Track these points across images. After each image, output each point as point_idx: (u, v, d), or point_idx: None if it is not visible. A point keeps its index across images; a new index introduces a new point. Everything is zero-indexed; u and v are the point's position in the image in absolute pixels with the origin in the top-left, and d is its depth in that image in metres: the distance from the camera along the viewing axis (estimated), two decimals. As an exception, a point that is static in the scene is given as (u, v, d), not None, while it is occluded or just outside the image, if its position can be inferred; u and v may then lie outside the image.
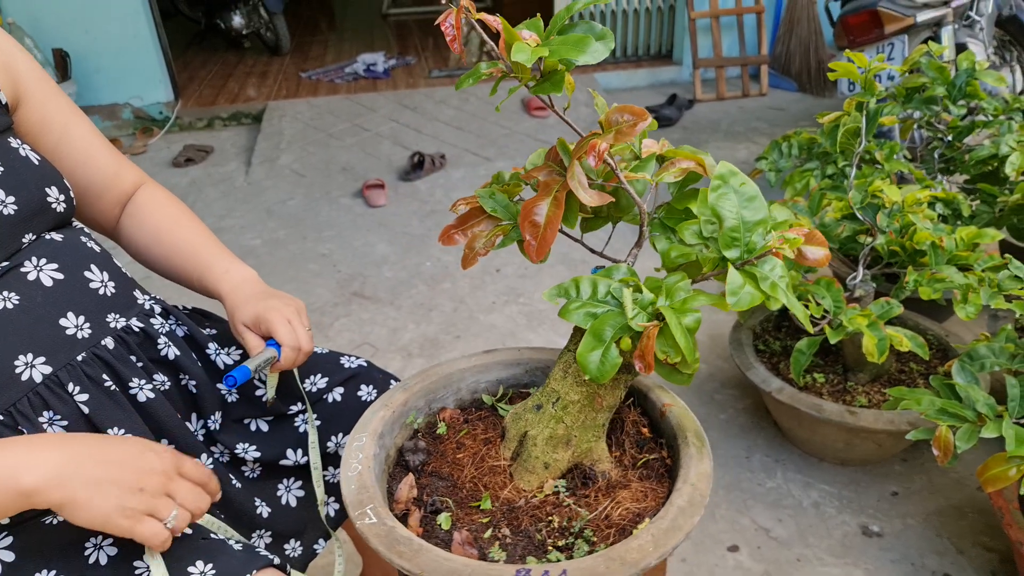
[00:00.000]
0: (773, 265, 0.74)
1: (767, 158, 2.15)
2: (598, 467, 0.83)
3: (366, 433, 0.89)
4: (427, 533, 0.80)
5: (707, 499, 0.75)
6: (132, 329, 0.90)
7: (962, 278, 1.42)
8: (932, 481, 1.72)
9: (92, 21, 4.09)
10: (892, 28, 2.68)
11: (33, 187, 0.84)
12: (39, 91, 0.93)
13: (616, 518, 0.76)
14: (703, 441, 0.83)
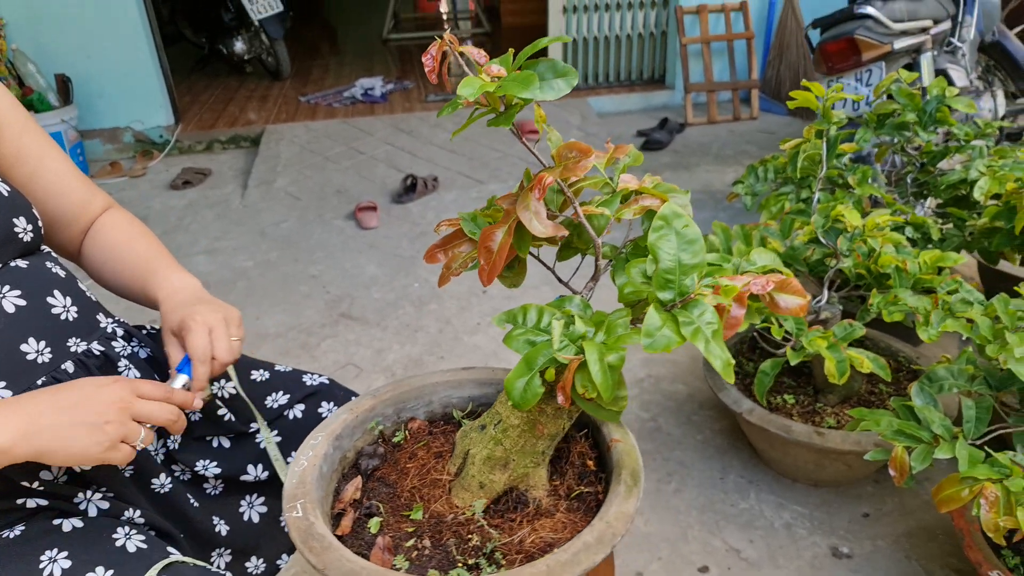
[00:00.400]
0: (703, 311, 0.73)
1: (744, 182, 2.19)
2: (531, 493, 0.85)
3: (324, 433, 0.92)
4: (355, 534, 0.83)
5: (619, 538, 0.75)
6: (93, 353, 0.92)
7: (916, 300, 1.45)
8: (903, 503, 1.74)
9: (94, 47, 4.17)
10: (869, 55, 2.73)
11: (3, 220, 0.87)
12: (15, 125, 0.96)
13: (528, 545, 0.78)
14: (636, 481, 0.83)
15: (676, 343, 0.71)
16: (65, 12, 4.04)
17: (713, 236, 1.77)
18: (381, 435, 1.01)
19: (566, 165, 0.86)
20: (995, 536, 1.11)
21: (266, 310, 2.71)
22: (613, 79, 5.18)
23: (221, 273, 2.98)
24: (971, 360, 1.42)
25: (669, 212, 0.79)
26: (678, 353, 2.34)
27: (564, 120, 4.53)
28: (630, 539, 1.67)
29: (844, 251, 1.55)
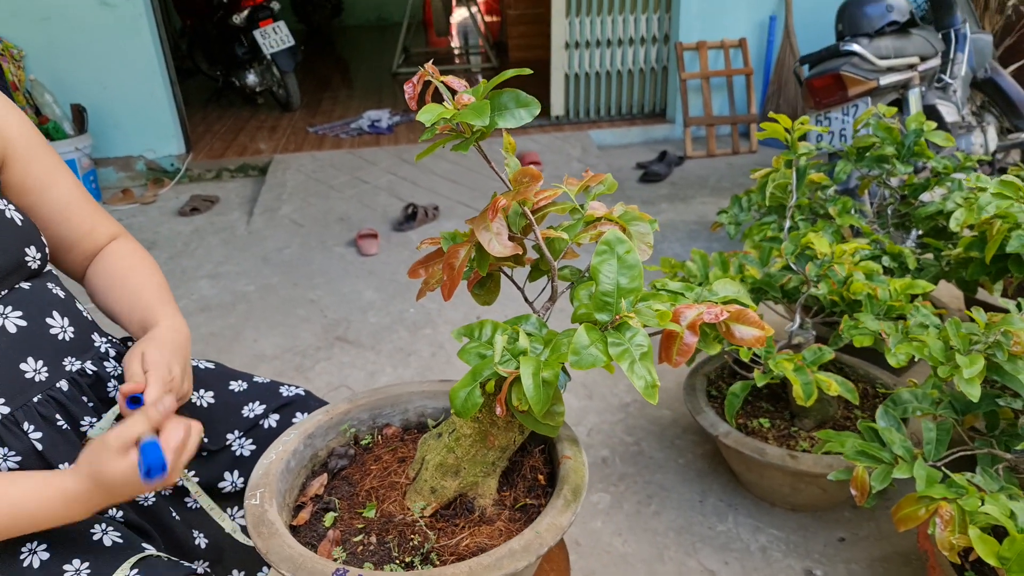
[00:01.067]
0: (635, 333, 0.76)
1: (728, 212, 2.25)
2: (478, 501, 0.89)
3: (297, 432, 0.98)
4: (310, 526, 0.88)
5: (545, 549, 0.78)
6: (86, 372, 0.98)
7: (875, 324, 1.49)
8: (880, 528, 1.76)
9: (110, 79, 4.31)
10: (856, 91, 2.80)
11: (14, 249, 0.92)
12: (26, 151, 0.99)
13: (462, 549, 0.82)
14: (576, 497, 0.87)
15: (602, 362, 0.75)
16: (82, 45, 4.19)
17: (691, 263, 1.82)
18: (354, 438, 1.06)
19: (519, 189, 0.91)
20: (950, 554, 1.14)
21: (264, 332, 2.77)
22: (614, 113, 5.28)
23: (222, 297, 3.05)
24: (937, 385, 1.46)
25: (613, 238, 0.84)
26: (665, 379, 2.37)
27: (565, 152, 4.62)
28: (606, 559, 1.70)
29: (813, 277, 1.60)
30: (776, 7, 4.83)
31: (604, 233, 0.89)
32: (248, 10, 5.28)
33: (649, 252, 0.91)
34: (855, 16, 3.09)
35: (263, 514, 0.82)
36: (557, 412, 0.83)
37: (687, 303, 0.83)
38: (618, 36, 5.02)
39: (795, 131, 1.53)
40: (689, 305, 0.82)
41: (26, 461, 0.90)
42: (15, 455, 0.89)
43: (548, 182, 0.95)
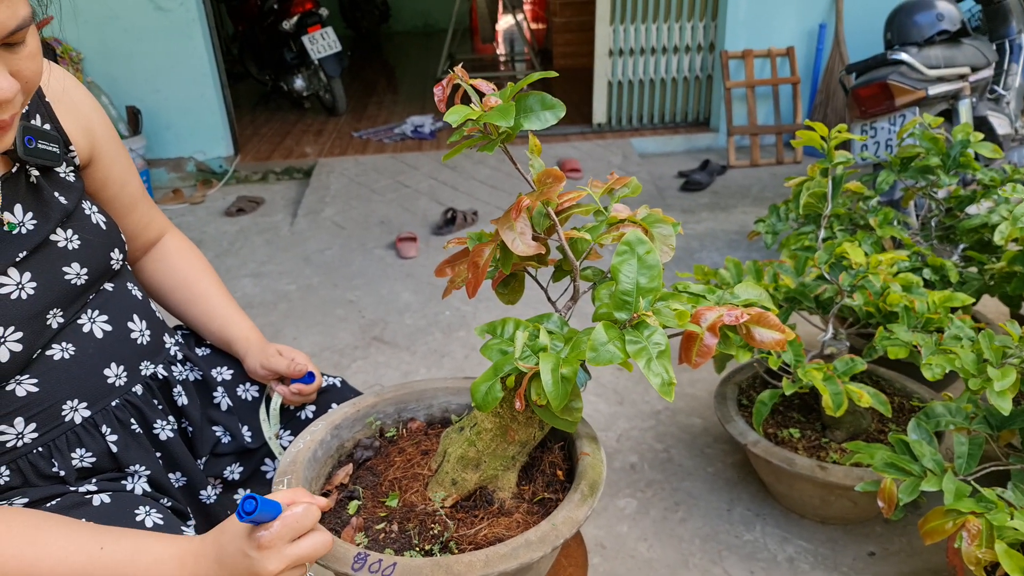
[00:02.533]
0: (653, 332, 0.77)
1: (765, 221, 2.23)
2: (498, 494, 0.91)
3: (324, 422, 1.02)
4: (334, 513, 0.91)
5: (561, 541, 0.79)
6: (157, 376, 1.03)
7: (908, 336, 1.46)
8: (912, 544, 1.72)
9: (164, 82, 4.46)
10: (903, 101, 2.75)
11: (102, 255, 0.96)
12: (110, 152, 1.04)
13: (480, 538, 0.84)
14: (593, 492, 0.87)
15: (619, 359, 0.75)
16: (138, 49, 4.34)
17: (724, 271, 1.81)
18: (380, 430, 1.08)
19: (542, 190, 0.93)
20: (976, 569, 1.12)
21: (303, 331, 2.83)
22: (657, 121, 5.26)
23: (264, 295, 3.13)
24: (972, 399, 1.43)
25: (634, 238, 0.84)
26: (697, 387, 2.36)
27: (606, 160, 4.62)
28: (631, 563, 1.70)
29: (846, 287, 1.58)
30: (826, 15, 4.77)
31: (626, 234, 0.90)
32: (297, 16, 5.40)
33: (671, 254, 0.92)
34: (904, 24, 3.04)
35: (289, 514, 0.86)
36: (575, 408, 0.84)
37: (708, 305, 0.84)
38: (662, 44, 5.00)
39: (832, 139, 1.52)
40: (710, 307, 0.82)
41: (100, 461, 0.94)
42: (91, 455, 0.93)
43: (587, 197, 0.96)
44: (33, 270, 0.87)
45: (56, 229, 0.90)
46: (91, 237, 0.94)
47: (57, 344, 0.90)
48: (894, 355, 1.55)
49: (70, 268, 0.91)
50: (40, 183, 0.90)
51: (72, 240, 0.92)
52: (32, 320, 0.86)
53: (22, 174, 0.89)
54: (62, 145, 0.94)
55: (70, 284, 0.91)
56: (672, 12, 4.90)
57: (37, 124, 0.92)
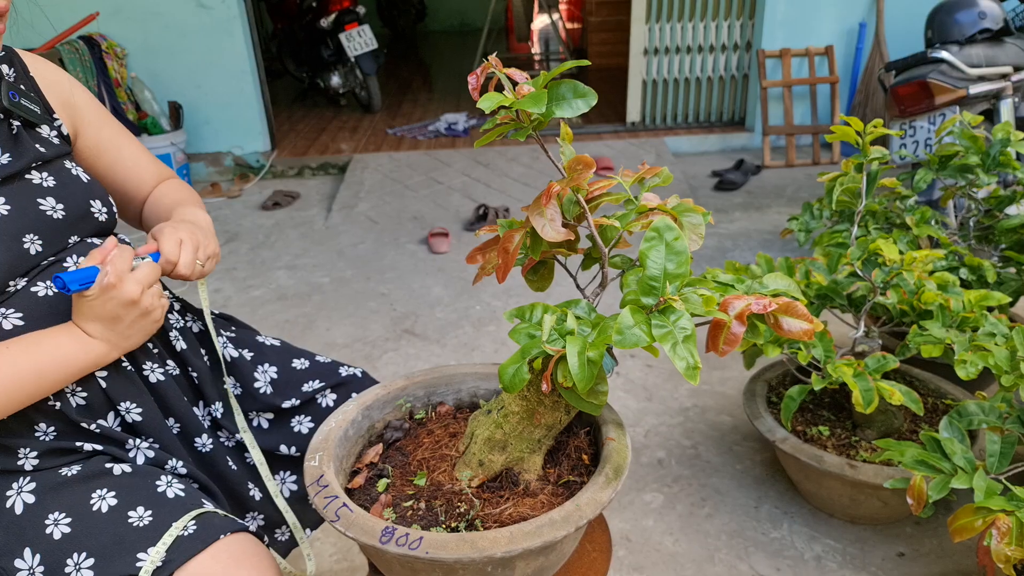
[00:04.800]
0: (679, 317, 0.77)
1: (798, 219, 2.21)
2: (523, 476, 0.92)
3: (355, 402, 1.05)
4: (363, 490, 0.93)
5: (584, 521, 0.80)
6: None
7: (942, 333, 1.45)
8: (942, 545, 1.70)
9: (204, 78, 4.55)
10: (943, 99, 2.70)
11: (79, 198, 1.02)
12: (95, 121, 1.12)
13: (505, 517, 0.85)
14: (617, 475, 0.88)
15: (646, 342, 0.76)
16: (180, 45, 4.44)
17: (755, 267, 1.80)
18: (409, 413, 1.11)
19: (572, 176, 0.94)
20: (1005, 567, 1.10)
21: (336, 322, 2.87)
22: (692, 120, 5.23)
23: (298, 287, 3.18)
24: (1007, 399, 1.41)
25: (662, 225, 0.84)
26: (726, 384, 2.35)
27: (639, 158, 4.60)
28: (655, 556, 1.70)
29: (880, 284, 1.56)
30: (866, 14, 4.70)
31: (654, 221, 0.90)
32: (335, 14, 5.47)
33: (700, 242, 0.92)
34: (945, 23, 2.99)
35: (321, 475, 0.88)
36: (600, 391, 0.85)
37: (736, 294, 0.84)
38: (698, 43, 4.98)
39: (868, 134, 1.51)
40: (738, 296, 0.82)
41: (91, 398, 0.97)
42: (82, 391, 0.96)
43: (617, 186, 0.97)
44: (6, 195, 0.94)
45: (32, 170, 0.99)
46: (67, 182, 1.02)
47: (41, 282, 0.95)
48: (927, 353, 1.54)
49: (45, 201, 0.98)
50: (20, 132, 0.99)
51: (47, 180, 1.00)
52: (7, 237, 0.92)
53: (4, 124, 0.98)
54: (44, 111, 1.04)
55: (45, 215, 0.97)
56: (708, 11, 4.87)
57: (22, 88, 1.02)
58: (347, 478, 0.98)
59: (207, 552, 0.87)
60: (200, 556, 0.86)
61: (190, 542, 0.87)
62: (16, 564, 0.87)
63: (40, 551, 0.87)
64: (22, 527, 0.89)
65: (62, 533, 0.88)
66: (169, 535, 0.87)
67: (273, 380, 1.20)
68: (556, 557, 0.90)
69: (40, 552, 0.87)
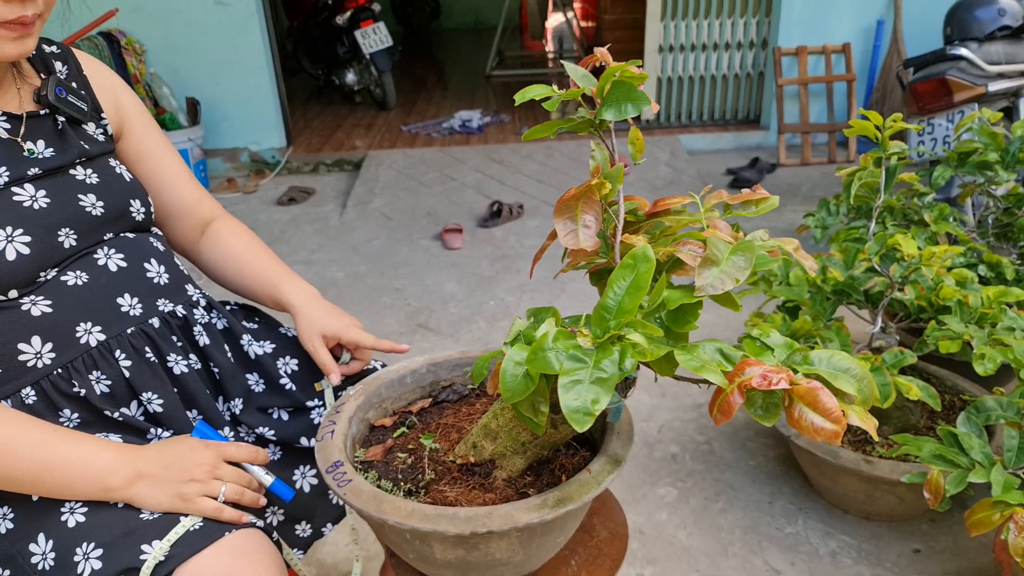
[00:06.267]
0: (608, 356, 0.69)
1: (815, 215, 2.21)
2: (498, 471, 0.90)
3: (424, 358, 1.11)
4: (385, 430, 1.01)
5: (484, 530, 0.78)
6: (176, 314, 1.07)
7: (961, 328, 1.44)
8: (958, 542, 1.69)
9: (222, 74, 4.59)
10: (962, 97, 2.68)
11: (119, 197, 1.04)
12: (140, 127, 1.15)
13: (443, 497, 0.87)
14: (559, 505, 0.81)
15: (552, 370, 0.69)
16: (199, 42, 4.48)
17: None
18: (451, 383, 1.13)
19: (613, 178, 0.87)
20: (1022, 562, 1.10)
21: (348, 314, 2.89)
22: (707, 118, 5.21)
23: (314, 282, 3.20)
24: (1025, 394, 1.40)
25: (640, 253, 0.74)
26: (740, 381, 2.34)
27: (653, 156, 4.60)
28: (669, 549, 1.70)
29: (897, 279, 1.56)
30: (884, 11, 4.67)
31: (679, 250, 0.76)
32: (351, 11, 5.50)
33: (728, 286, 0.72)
34: (964, 20, 2.97)
35: (344, 403, 1.00)
36: (539, 410, 0.76)
37: (755, 361, 0.68)
38: (713, 40, 4.96)
39: (887, 128, 1.50)
40: (759, 363, 0.67)
41: (115, 387, 0.99)
42: (106, 379, 0.98)
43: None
44: (48, 188, 0.96)
45: (76, 165, 1.01)
46: (110, 180, 1.03)
47: (72, 271, 0.96)
48: (945, 349, 1.53)
49: (85, 198, 0.99)
50: (66, 128, 1.01)
51: (90, 176, 1.02)
52: (42, 230, 0.93)
53: (50, 119, 1.00)
54: (92, 108, 1.06)
55: (84, 210, 0.98)
56: (724, 8, 4.86)
57: (73, 86, 1.04)
58: (386, 417, 1.04)
59: (210, 548, 0.87)
60: (203, 552, 0.86)
61: (195, 538, 0.88)
62: (31, 548, 0.88)
63: (53, 537, 0.88)
64: (39, 513, 0.90)
65: (76, 522, 0.89)
66: (175, 532, 0.88)
67: (294, 372, 1.20)
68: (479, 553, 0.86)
69: (53, 539, 0.88)
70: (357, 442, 1.01)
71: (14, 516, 0.91)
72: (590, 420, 0.65)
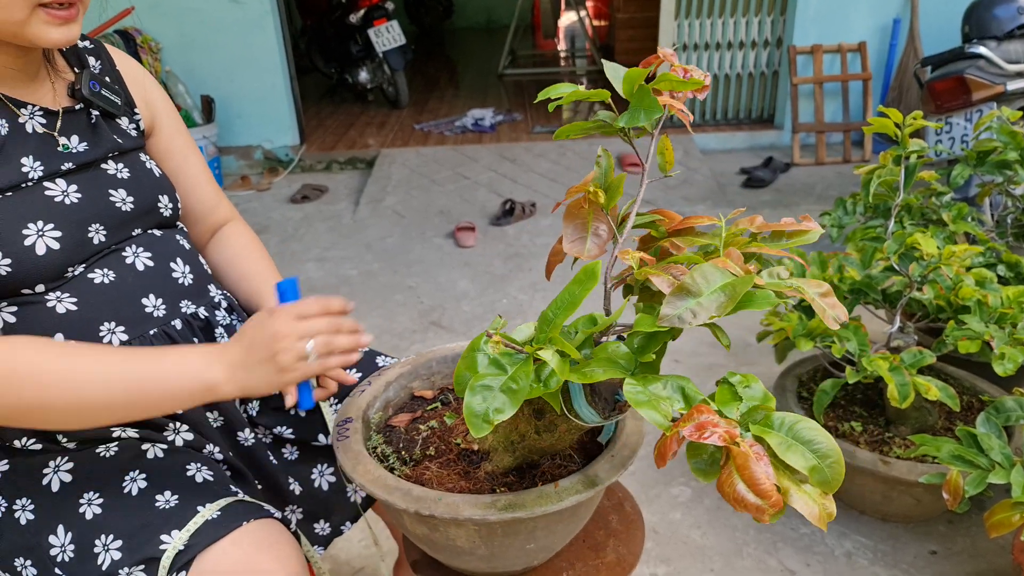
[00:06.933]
0: (525, 367, 0.69)
1: (831, 214, 2.19)
2: (484, 464, 0.90)
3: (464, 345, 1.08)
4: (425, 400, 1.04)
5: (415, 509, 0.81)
6: (199, 316, 1.07)
7: (981, 327, 1.42)
8: (975, 544, 1.67)
9: (237, 72, 4.61)
10: (980, 95, 2.66)
11: (149, 193, 1.04)
12: (169, 124, 1.15)
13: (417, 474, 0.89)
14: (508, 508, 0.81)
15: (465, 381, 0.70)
16: (213, 40, 4.50)
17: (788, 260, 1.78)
18: None
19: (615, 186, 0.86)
20: (1045, 563, 1.09)
21: (364, 314, 2.89)
22: (720, 117, 5.19)
23: (327, 279, 3.21)
24: (1047, 395, 1.38)
25: (591, 270, 0.73)
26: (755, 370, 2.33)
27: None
28: (683, 549, 1.69)
29: (916, 278, 1.54)
30: (901, 9, 4.63)
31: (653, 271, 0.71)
32: (364, 10, 5.51)
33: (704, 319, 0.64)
34: (983, 18, 2.94)
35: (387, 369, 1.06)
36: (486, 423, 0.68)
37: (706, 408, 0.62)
38: (728, 39, 4.94)
39: (907, 126, 1.49)
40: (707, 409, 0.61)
41: None
42: None
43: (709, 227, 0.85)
44: (79, 183, 0.96)
45: (108, 160, 1.01)
46: (140, 175, 1.04)
47: (99, 269, 0.96)
48: (964, 349, 1.51)
49: (116, 193, 1.00)
50: (99, 122, 1.02)
51: (121, 171, 1.02)
52: (73, 225, 0.93)
53: (84, 113, 1.01)
54: (125, 103, 1.07)
55: (114, 206, 0.99)
56: (739, 7, 4.83)
57: (107, 80, 1.05)
58: (429, 389, 1.07)
59: (229, 537, 0.87)
60: (221, 542, 0.86)
61: (213, 528, 0.87)
62: (50, 540, 0.88)
63: (72, 530, 0.88)
64: (57, 505, 0.91)
65: (94, 514, 0.89)
66: (194, 523, 0.87)
67: None
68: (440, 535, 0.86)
69: (72, 531, 0.88)
70: (392, 406, 1.04)
71: (34, 507, 0.91)
72: (487, 427, 0.65)
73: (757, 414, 0.62)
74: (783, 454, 0.58)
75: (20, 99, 0.95)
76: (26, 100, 0.96)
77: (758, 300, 0.64)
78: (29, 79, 0.97)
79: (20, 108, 0.95)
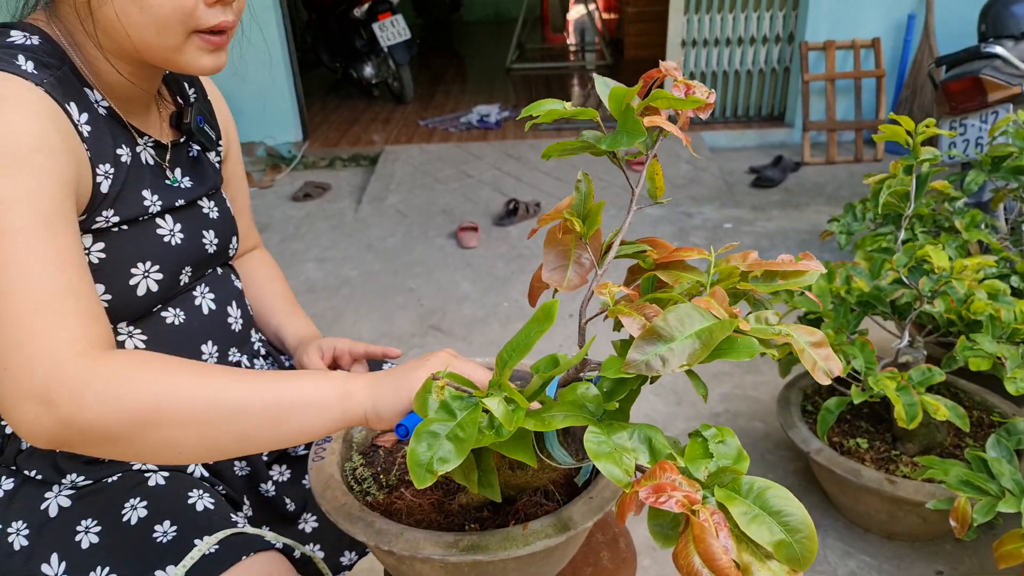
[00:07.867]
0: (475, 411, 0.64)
1: (840, 220, 2.13)
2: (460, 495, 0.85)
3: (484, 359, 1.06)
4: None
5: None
6: (242, 365, 1.04)
7: (995, 348, 1.37)
8: (983, 565, 1.62)
9: (239, 67, 4.53)
10: (996, 96, 2.58)
11: (228, 234, 1.02)
12: (234, 156, 1.13)
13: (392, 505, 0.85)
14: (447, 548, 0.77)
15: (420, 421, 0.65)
16: (217, 36, 4.46)
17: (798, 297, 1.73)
18: None
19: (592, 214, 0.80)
20: (1057, 602, 1.03)
21: (363, 316, 2.86)
22: (729, 114, 5.11)
23: (327, 280, 3.17)
24: (1061, 417, 1.33)
25: (549, 309, 0.70)
26: (759, 389, 2.28)
27: (674, 153, 4.51)
28: (681, 569, 1.65)
29: (927, 293, 1.48)
30: (916, 5, 4.53)
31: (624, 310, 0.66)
32: (369, 4, 5.46)
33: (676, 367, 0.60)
34: (1000, 16, 2.86)
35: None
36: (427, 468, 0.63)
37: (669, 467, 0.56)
38: (738, 35, 4.86)
39: (919, 134, 1.43)
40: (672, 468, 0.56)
41: None
42: None
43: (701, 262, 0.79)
44: (183, 222, 0.93)
45: (203, 198, 0.99)
46: (225, 214, 1.02)
47: (172, 308, 0.93)
48: (975, 367, 1.46)
49: (207, 234, 0.97)
50: (200, 157, 1.00)
51: (212, 210, 0.99)
52: (172, 267, 0.90)
53: (186, 147, 0.98)
54: (216, 136, 1.05)
55: (204, 248, 0.96)
56: (750, 1, 4.75)
57: (204, 112, 1.01)
58: None
59: (226, 574, 0.84)
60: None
61: (210, 564, 0.84)
62: (43, 569, 0.85)
63: (67, 559, 0.85)
64: (53, 531, 0.87)
65: (90, 542, 0.86)
66: (191, 557, 0.84)
67: None
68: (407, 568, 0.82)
69: (67, 560, 0.85)
70: None
71: (28, 532, 0.88)
72: (431, 478, 0.59)
73: (725, 476, 0.56)
74: (746, 526, 0.52)
75: (139, 127, 0.91)
76: (143, 129, 0.91)
77: (738, 349, 0.59)
78: (145, 107, 0.93)
79: (140, 137, 0.90)
